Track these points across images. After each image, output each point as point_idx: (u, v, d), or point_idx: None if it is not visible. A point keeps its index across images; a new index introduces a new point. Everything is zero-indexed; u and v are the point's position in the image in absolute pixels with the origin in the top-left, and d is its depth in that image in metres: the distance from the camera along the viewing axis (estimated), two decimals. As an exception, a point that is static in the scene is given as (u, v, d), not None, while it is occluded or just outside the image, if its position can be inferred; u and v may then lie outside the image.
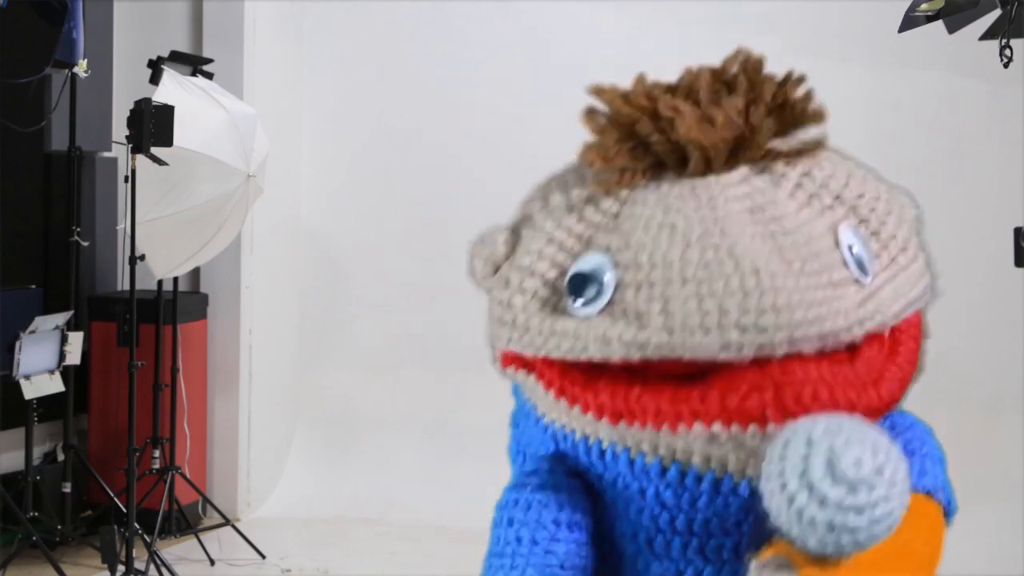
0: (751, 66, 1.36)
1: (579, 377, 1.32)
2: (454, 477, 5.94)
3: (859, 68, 5.98)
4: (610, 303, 1.29)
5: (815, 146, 1.37)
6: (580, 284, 1.32)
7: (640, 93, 1.35)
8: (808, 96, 1.36)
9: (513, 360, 1.39)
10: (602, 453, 1.35)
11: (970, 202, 5.87)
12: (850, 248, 1.33)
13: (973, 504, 6.45)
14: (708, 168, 1.32)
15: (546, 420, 1.40)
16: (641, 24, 6.20)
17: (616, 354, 1.27)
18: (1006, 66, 3.68)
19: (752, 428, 1.22)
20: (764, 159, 1.35)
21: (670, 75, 1.38)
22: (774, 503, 1.15)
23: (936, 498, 1.40)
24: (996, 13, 3.73)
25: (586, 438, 1.36)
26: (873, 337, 1.32)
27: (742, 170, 1.33)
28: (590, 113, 1.36)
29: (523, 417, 1.49)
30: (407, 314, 6.49)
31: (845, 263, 1.31)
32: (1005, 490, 5.53)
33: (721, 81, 1.34)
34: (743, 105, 1.32)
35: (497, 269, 1.40)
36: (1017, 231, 3.72)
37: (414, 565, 5.46)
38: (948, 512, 1.42)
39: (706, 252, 1.26)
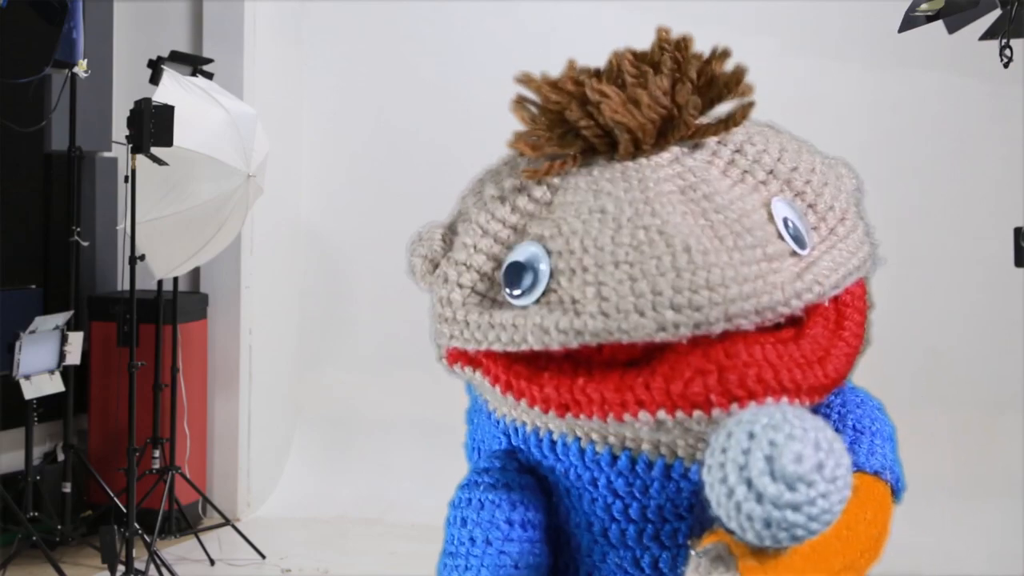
0: (676, 46, 1.35)
1: (524, 371, 1.31)
2: (454, 477, 5.90)
3: (859, 68, 5.98)
4: (546, 292, 1.28)
5: (742, 115, 1.35)
6: (516, 274, 1.31)
7: (567, 79, 1.35)
8: (737, 71, 1.34)
9: (458, 357, 1.38)
10: (553, 444, 1.35)
11: (970, 202, 5.87)
12: (785, 221, 1.31)
13: (973, 503, 6.45)
14: (638, 150, 1.32)
15: (497, 414, 1.41)
16: (641, 24, 6.16)
17: (554, 343, 1.26)
18: (1006, 66, 3.68)
19: (697, 413, 1.21)
20: (694, 137, 1.34)
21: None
22: (713, 495, 1.15)
23: (884, 478, 1.39)
24: (996, 13, 3.73)
25: (537, 429, 1.36)
26: (817, 312, 1.31)
27: (673, 150, 1.33)
28: (519, 102, 1.36)
29: (476, 413, 1.50)
30: (407, 314, 6.46)
31: (780, 236, 1.30)
32: (1005, 489, 5.53)
33: (647, 62, 1.34)
34: (669, 85, 1.31)
35: (436, 266, 1.40)
36: (1017, 231, 3.71)
37: (414, 565, 5.45)
38: (896, 491, 1.41)
39: (637, 233, 1.25)
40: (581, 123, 1.32)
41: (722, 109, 1.36)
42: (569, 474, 1.36)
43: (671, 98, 1.31)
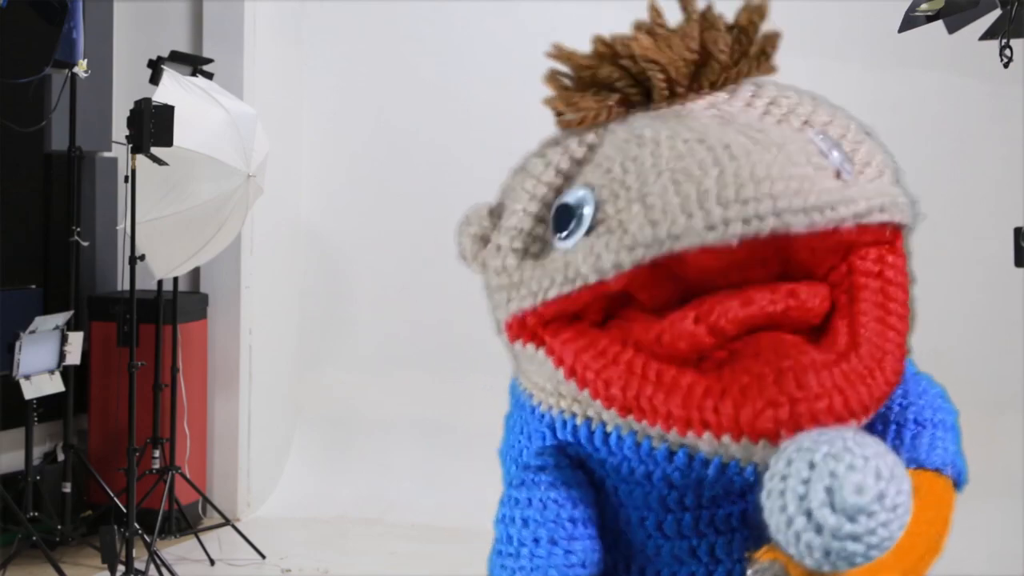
0: (703, 14, 1.35)
1: (592, 361, 1.28)
2: (454, 477, 5.94)
3: (859, 68, 5.98)
4: (593, 226, 1.27)
5: (772, 44, 1.35)
6: (565, 217, 1.30)
7: (597, 42, 1.35)
8: (763, 18, 1.34)
9: (521, 331, 1.35)
10: (606, 437, 1.32)
11: (970, 202, 5.87)
12: (826, 150, 1.30)
13: (973, 504, 6.41)
14: (673, 96, 1.31)
15: (543, 407, 1.38)
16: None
17: (608, 265, 1.24)
18: (1006, 66, 3.68)
19: (763, 442, 1.20)
20: (727, 81, 1.33)
21: None
22: (773, 521, 1.14)
23: (945, 473, 1.38)
24: (996, 13, 3.73)
25: (588, 421, 1.33)
26: (862, 296, 1.28)
27: (707, 98, 1.32)
28: (552, 75, 1.36)
29: (518, 411, 1.46)
30: (407, 314, 6.49)
31: (823, 154, 1.28)
32: (1005, 490, 5.53)
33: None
34: (698, 33, 1.32)
35: (486, 243, 1.39)
36: (1017, 231, 3.71)
37: (414, 565, 5.46)
38: (959, 484, 1.40)
39: (676, 145, 1.24)
40: (614, 76, 1.32)
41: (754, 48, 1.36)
42: (621, 468, 1.34)
43: (700, 44, 1.31)
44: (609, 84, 1.32)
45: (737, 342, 1.25)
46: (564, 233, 1.30)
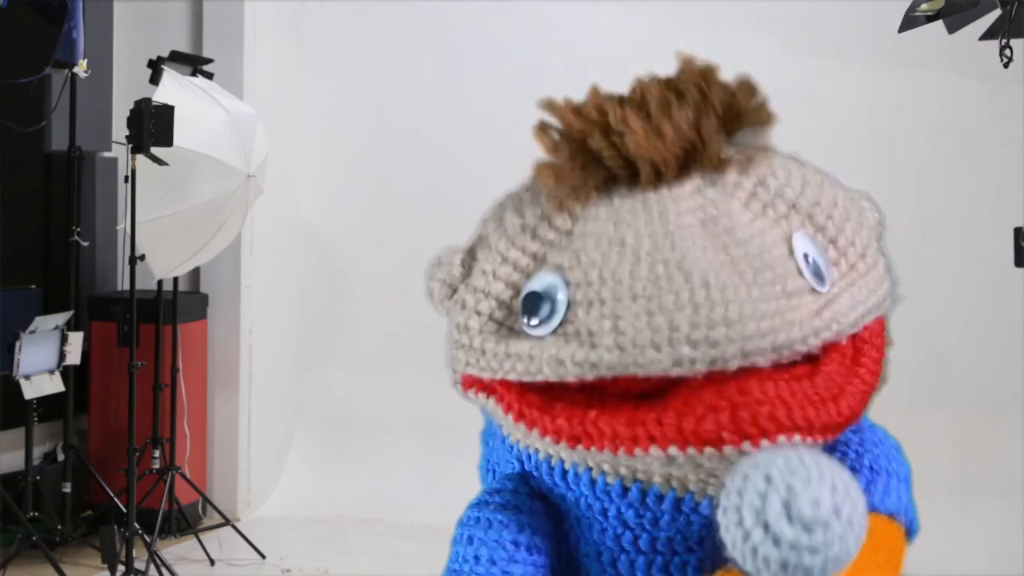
0: (702, 74, 1.33)
1: (536, 400, 1.30)
2: (454, 477, 5.91)
3: (859, 68, 5.98)
4: (563, 323, 1.28)
5: (765, 153, 1.35)
6: (534, 304, 1.31)
7: (591, 106, 1.33)
8: (761, 105, 1.34)
9: (473, 383, 1.38)
10: (564, 474, 1.35)
11: (970, 202, 5.87)
12: (806, 257, 1.31)
13: (973, 503, 6.45)
14: (660, 180, 1.31)
15: (511, 440, 1.41)
16: (641, 24, 6.20)
17: (570, 375, 1.26)
18: (1006, 66, 3.68)
19: (709, 450, 1.21)
20: (716, 169, 1.33)
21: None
22: (729, 537, 1.15)
23: (898, 520, 1.39)
24: (996, 13, 3.73)
25: (548, 458, 1.36)
26: (835, 348, 1.30)
27: (695, 181, 1.32)
28: (542, 128, 1.35)
29: (491, 435, 1.51)
30: (407, 314, 6.47)
31: (800, 272, 1.29)
32: (1005, 489, 5.53)
33: (672, 90, 1.32)
34: (693, 116, 1.30)
35: (454, 291, 1.40)
36: (1017, 231, 3.72)
37: (414, 565, 5.45)
38: (910, 532, 1.42)
39: (656, 267, 1.24)
40: (604, 152, 1.31)
41: (745, 142, 1.35)
42: (580, 503, 1.36)
43: (695, 130, 1.31)
44: (597, 157, 1.32)
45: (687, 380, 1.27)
46: (535, 321, 1.30)
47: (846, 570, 1.16)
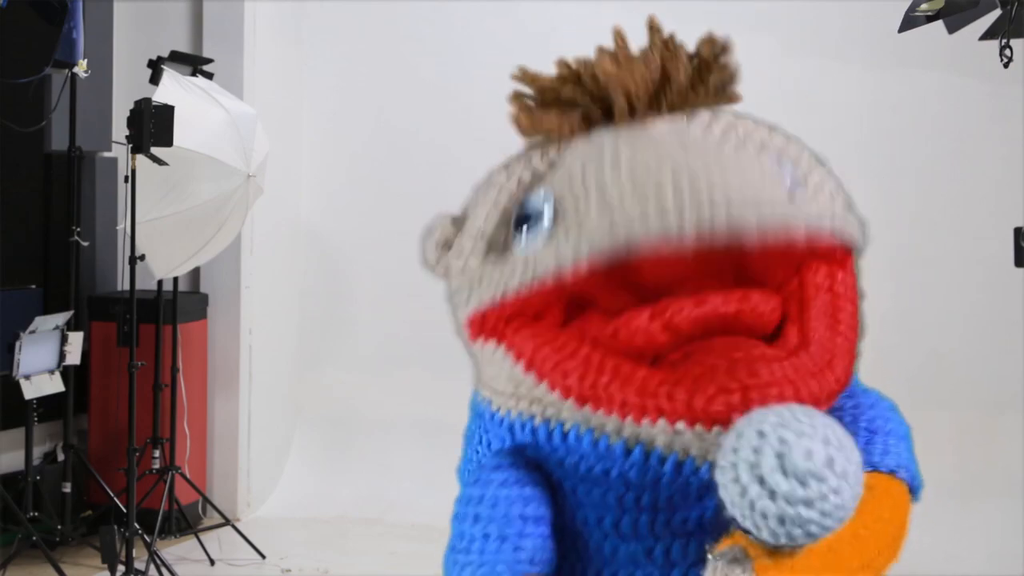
0: (665, 42, 1.39)
1: (551, 356, 1.32)
2: (454, 477, 5.93)
3: (859, 68, 5.98)
4: (553, 227, 1.31)
5: (731, 80, 1.39)
6: (526, 222, 1.35)
7: (560, 65, 1.39)
8: (723, 52, 1.39)
9: (481, 328, 1.39)
10: (564, 436, 1.35)
11: (970, 202, 5.87)
12: (781, 171, 1.34)
13: (973, 503, 6.43)
14: (633, 117, 1.34)
15: (502, 412, 1.41)
16: (641, 24, 6.18)
17: (567, 267, 1.27)
18: (1006, 66, 3.68)
19: (716, 428, 1.24)
20: (687, 104, 1.36)
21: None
22: (727, 494, 1.17)
23: (899, 476, 1.40)
24: (996, 13, 3.73)
25: (547, 422, 1.36)
26: (813, 306, 1.33)
27: (667, 119, 1.35)
28: (516, 96, 1.40)
29: (476, 422, 1.49)
30: (407, 314, 6.49)
31: (778, 174, 1.33)
32: (1005, 489, 5.53)
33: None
34: (659, 59, 1.36)
35: (450, 247, 1.43)
36: (1017, 231, 3.71)
37: (414, 565, 5.45)
38: (914, 488, 1.42)
39: (635, 154, 1.27)
40: (577, 96, 1.35)
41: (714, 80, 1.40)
42: (580, 466, 1.36)
43: (661, 68, 1.35)
44: (572, 103, 1.36)
45: (692, 345, 1.30)
46: (524, 231, 1.34)
47: (850, 526, 1.17)
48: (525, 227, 1.34)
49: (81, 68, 5.39)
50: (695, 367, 1.26)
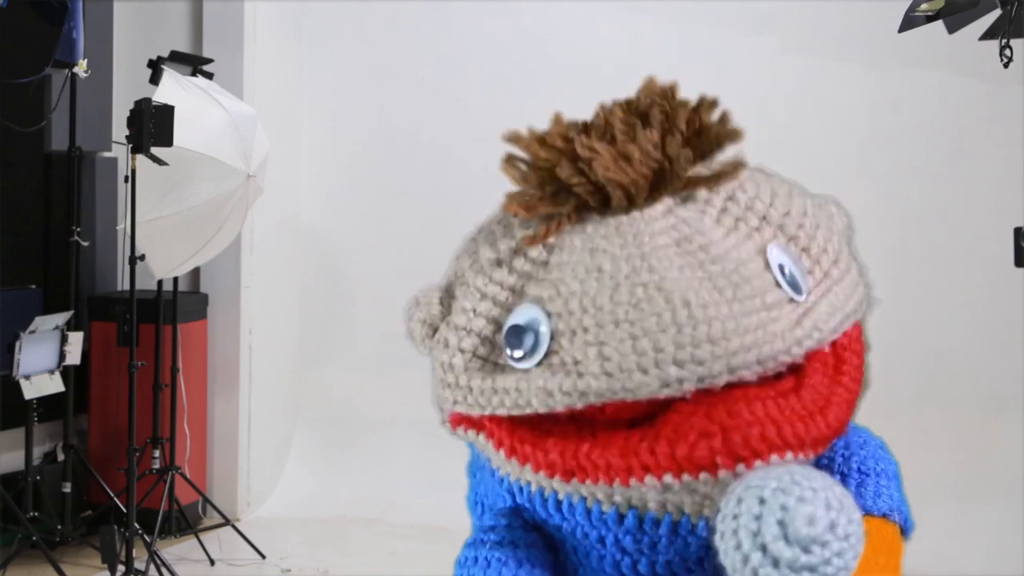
0: (664, 95, 1.34)
1: (528, 435, 1.30)
2: (454, 477, 5.90)
3: (859, 68, 5.98)
4: (548, 354, 1.28)
5: (735, 168, 1.34)
6: (517, 337, 1.31)
7: (556, 135, 1.33)
8: (724, 118, 1.34)
9: (462, 420, 1.38)
10: (559, 504, 1.35)
11: (970, 202, 5.87)
12: (781, 268, 1.31)
13: (973, 503, 6.43)
14: (631, 204, 1.31)
15: (501, 473, 1.41)
16: (641, 24, 6.20)
17: (559, 405, 1.25)
18: (1006, 66, 3.68)
19: (703, 476, 1.21)
20: (686, 188, 1.33)
21: (670, 75, 1.37)
22: (728, 561, 1.15)
23: (892, 519, 1.40)
24: (996, 13, 3.73)
25: (541, 490, 1.36)
26: (816, 358, 1.31)
27: (666, 202, 1.32)
28: (509, 161, 1.35)
29: (479, 468, 1.50)
30: (407, 314, 6.49)
31: (777, 284, 1.29)
32: (1005, 489, 5.53)
33: (635, 113, 1.33)
34: (659, 137, 1.31)
35: (435, 331, 1.39)
36: (1017, 231, 3.71)
37: (414, 565, 5.46)
38: (905, 530, 1.42)
39: (635, 291, 1.24)
40: (573, 180, 1.31)
41: (714, 162, 1.35)
42: (576, 532, 1.36)
43: (662, 151, 1.31)
44: (566, 184, 1.32)
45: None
46: (519, 353, 1.30)
47: None
48: (518, 343, 1.30)
49: (81, 68, 5.39)
50: (674, 416, 1.23)
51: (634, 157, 1.29)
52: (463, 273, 1.39)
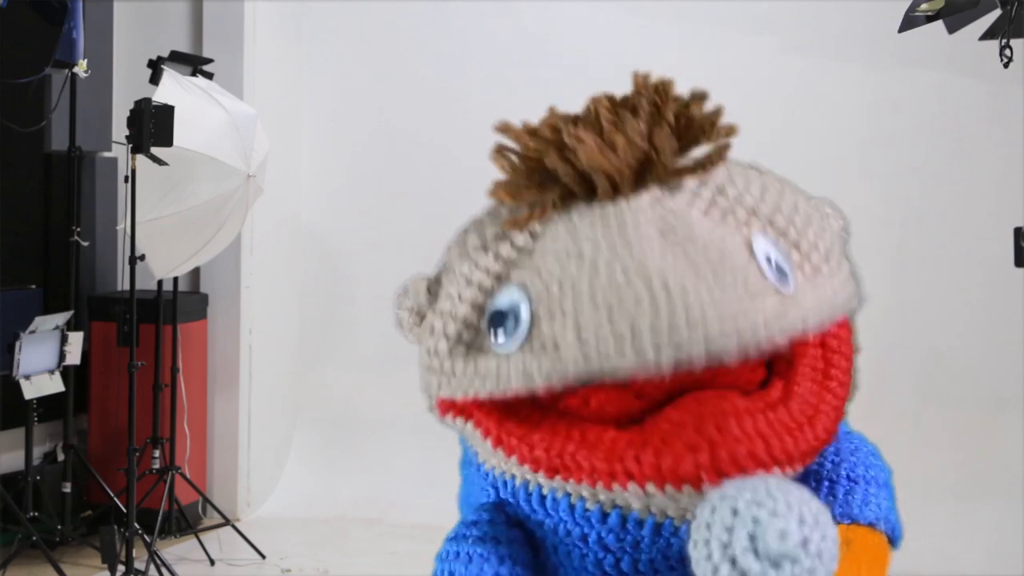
0: (656, 89, 1.33)
1: (515, 428, 1.31)
2: (454, 477, 5.92)
3: (859, 68, 5.98)
4: (528, 337, 1.27)
5: (720, 152, 1.33)
6: (499, 321, 1.31)
7: (546, 126, 1.34)
8: (716, 112, 1.33)
9: (449, 407, 1.39)
10: (542, 499, 1.35)
11: (970, 202, 5.87)
12: (768, 259, 1.30)
13: (973, 503, 6.44)
14: (617, 192, 1.30)
15: (486, 466, 1.41)
16: (641, 24, 6.20)
17: (538, 385, 1.25)
18: (1006, 66, 3.68)
19: (687, 488, 1.20)
20: (673, 178, 1.32)
21: (670, 75, 1.37)
22: (699, 570, 1.14)
23: (878, 528, 1.39)
24: (996, 13, 3.73)
25: (526, 484, 1.36)
26: (805, 360, 1.30)
27: (652, 192, 1.31)
28: (499, 151, 1.35)
29: (466, 465, 1.52)
30: (407, 314, 6.49)
31: (763, 273, 1.28)
32: (1005, 489, 5.53)
33: (625, 107, 1.33)
34: (646, 128, 1.30)
35: (423, 318, 1.41)
36: (1017, 231, 3.71)
37: (414, 565, 5.43)
38: (893, 539, 1.41)
39: (615, 274, 1.23)
40: (559, 168, 1.31)
41: (701, 151, 1.34)
42: (558, 529, 1.36)
43: (648, 141, 1.30)
44: (553, 173, 1.32)
45: (666, 405, 1.26)
46: (501, 338, 1.30)
47: None
48: (499, 324, 1.31)
49: (81, 68, 5.39)
50: (663, 423, 1.22)
51: (619, 145, 1.29)
52: (451, 261, 1.40)
